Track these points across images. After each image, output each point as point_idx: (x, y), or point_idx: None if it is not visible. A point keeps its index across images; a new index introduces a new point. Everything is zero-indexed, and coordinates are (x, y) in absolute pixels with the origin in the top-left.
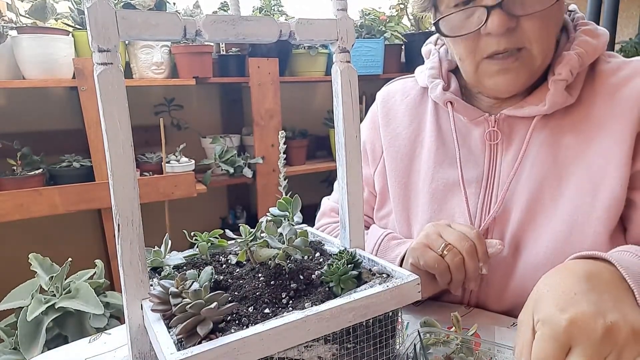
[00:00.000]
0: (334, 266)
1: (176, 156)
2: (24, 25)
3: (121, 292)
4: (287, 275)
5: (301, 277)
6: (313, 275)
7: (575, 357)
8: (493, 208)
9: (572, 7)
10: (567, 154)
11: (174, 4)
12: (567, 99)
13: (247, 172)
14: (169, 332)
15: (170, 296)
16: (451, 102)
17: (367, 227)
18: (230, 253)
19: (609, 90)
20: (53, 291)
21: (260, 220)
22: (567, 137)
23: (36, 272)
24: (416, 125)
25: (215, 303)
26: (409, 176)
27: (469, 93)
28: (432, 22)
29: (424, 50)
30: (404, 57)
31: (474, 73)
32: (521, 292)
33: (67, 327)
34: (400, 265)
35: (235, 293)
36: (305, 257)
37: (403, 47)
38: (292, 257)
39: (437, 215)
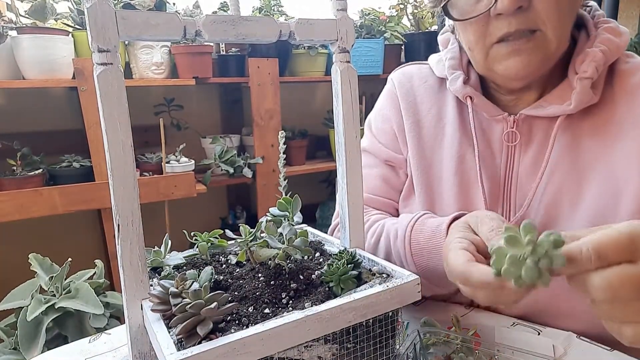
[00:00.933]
0: (334, 266)
1: (176, 156)
2: (24, 25)
3: (121, 292)
4: (287, 275)
5: (301, 277)
6: (313, 275)
7: None
8: (512, 210)
9: (591, 3)
10: (587, 157)
11: (174, 4)
12: (592, 97)
13: (247, 172)
14: (169, 332)
15: (170, 296)
16: (471, 97)
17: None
18: (230, 253)
19: (630, 90)
20: (53, 291)
21: (260, 220)
22: (587, 139)
23: (36, 272)
24: (436, 111)
25: (215, 303)
26: (431, 165)
27: (487, 89)
28: (440, 5)
29: (441, 38)
30: (404, 57)
31: (484, 60)
32: (538, 298)
33: (67, 327)
34: (448, 229)
35: (235, 293)
36: (305, 257)
37: (403, 47)
38: (292, 257)
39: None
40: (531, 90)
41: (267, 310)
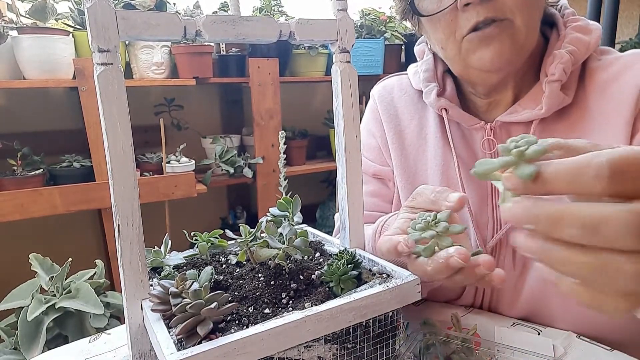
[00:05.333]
0: (334, 266)
1: (176, 156)
2: (24, 25)
3: (121, 292)
4: (287, 275)
5: (301, 277)
6: (313, 275)
7: None
8: (502, 219)
9: (561, 1)
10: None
11: (174, 4)
12: (564, 99)
13: (247, 172)
14: (169, 332)
15: (170, 296)
16: (445, 109)
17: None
18: (230, 253)
19: (600, 88)
20: (53, 291)
21: (260, 220)
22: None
23: (36, 272)
24: (418, 121)
25: (215, 303)
26: (415, 175)
27: (464, 95)
28: (408, 3)
29: (417, 49)
30: (404, 57)
31: (457, 56)
32: (534, 300)
33: (67, 327)
34: None
35: (235, 293)
36: (305, 257)
37: (403, 47)
38: (292, 257)
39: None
40: (507, 91)
41: (267, 310)
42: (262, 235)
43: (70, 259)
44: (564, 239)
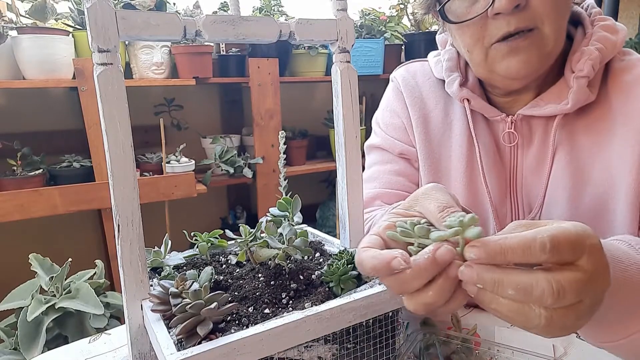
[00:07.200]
0: (334, 266)
1: (176, 156)
2: (24, 25)
3: (121, 292)
4: (287, 276)
5: (301, 277)
6: (313, 276)
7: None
8: (521, 210)
9: (588, 1)
10: (583, 155)
11: (174, 4)
12: (589, 96)
13: (247, 172)
14: (169, 332)
15: (170, 296)
16: (468, 100)
17: None
18: (230, 253)
19: (623, 89)
20: (53, 291)
21: (260, 220)
22: (582, 137)
23: (36, 272)
24: (443, 106)
25: (215, 303)
26: (439, 160)
27: (485, 87)
28: (438, 9)
29: (440, 38)
30: (404, 57)
31: (483, 61)
32: None
33: (67, 327)
34: None
35: (235, 293)
36: (305, 257)
37: (403, 47)
38: (292, 257)
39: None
40: (528, 91)
41: (267, 311)
42: (262, 235)
43: (70, 259)
44: (503, 295)
